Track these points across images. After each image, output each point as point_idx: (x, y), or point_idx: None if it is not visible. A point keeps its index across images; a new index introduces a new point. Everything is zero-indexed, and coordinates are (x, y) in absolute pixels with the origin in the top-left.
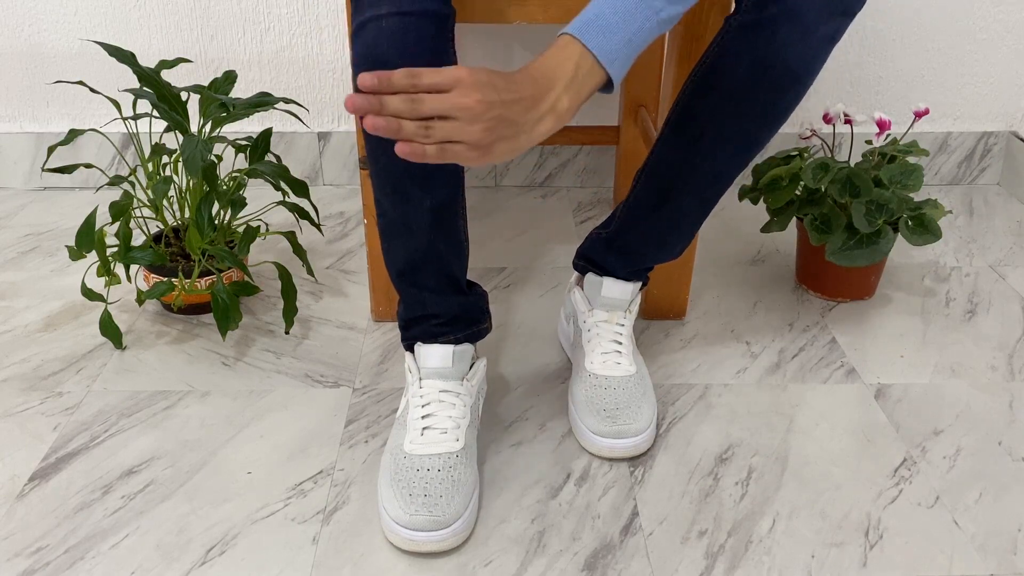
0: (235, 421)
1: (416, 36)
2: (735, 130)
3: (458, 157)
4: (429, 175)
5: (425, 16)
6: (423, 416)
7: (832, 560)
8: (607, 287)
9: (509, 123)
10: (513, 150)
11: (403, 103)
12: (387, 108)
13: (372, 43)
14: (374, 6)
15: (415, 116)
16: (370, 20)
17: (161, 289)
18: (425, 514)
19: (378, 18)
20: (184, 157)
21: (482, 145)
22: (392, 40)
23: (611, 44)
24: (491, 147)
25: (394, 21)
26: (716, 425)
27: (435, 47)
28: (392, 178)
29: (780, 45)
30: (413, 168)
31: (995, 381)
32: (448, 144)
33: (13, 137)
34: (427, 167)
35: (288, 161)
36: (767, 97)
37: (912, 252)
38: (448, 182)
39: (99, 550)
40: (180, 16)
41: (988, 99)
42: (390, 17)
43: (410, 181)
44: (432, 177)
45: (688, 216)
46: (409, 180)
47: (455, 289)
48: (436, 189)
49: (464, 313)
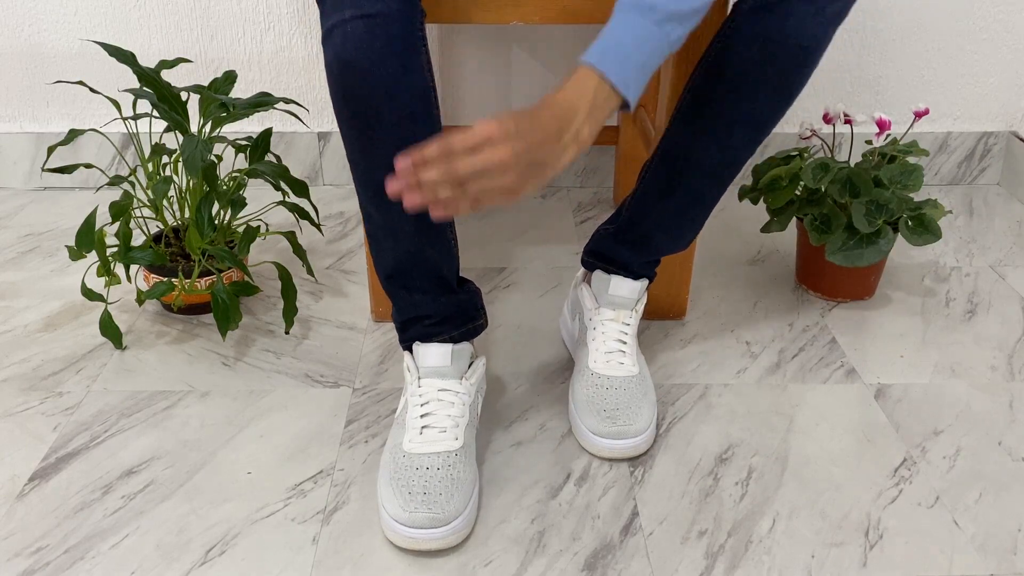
0: (235, 421)
1: (383, 39)
2: (748, 111)
3: (492, 203)
4: None
5: (388, 17)
6: (422, 415)
7: (832, 560)
8: (615, 285)
9: (538, 164)
10: (541, 184)
11: (440, 174)
12: (425, 183)
13: (340, 48)
14: (338, 10)
15: (452, 182)
16: (336, 25)
17: (161, 289)
18: (425, 512)
19: (343, 22)
20: (184, 157)
21: (513, 190)
22: (359, 44)
23: (626, 71)
24: (521, 188)
25: (358, 25)
26: (716, 425)
27: (403, 48)
28: (374, 184)
29: (792, 24)
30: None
31: (995, 381)
32: (482, 197)
33: (13, 137)
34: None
35: (288, 161)
36: (778, 75)
37: (912, 252)
38: None
39: (99, 550)
40: (180, 16)
41: (988, 99)
42: (354, 21)
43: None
44: None
45: (701, 200)
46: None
47: (446, 289)
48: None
49: (457, 312)
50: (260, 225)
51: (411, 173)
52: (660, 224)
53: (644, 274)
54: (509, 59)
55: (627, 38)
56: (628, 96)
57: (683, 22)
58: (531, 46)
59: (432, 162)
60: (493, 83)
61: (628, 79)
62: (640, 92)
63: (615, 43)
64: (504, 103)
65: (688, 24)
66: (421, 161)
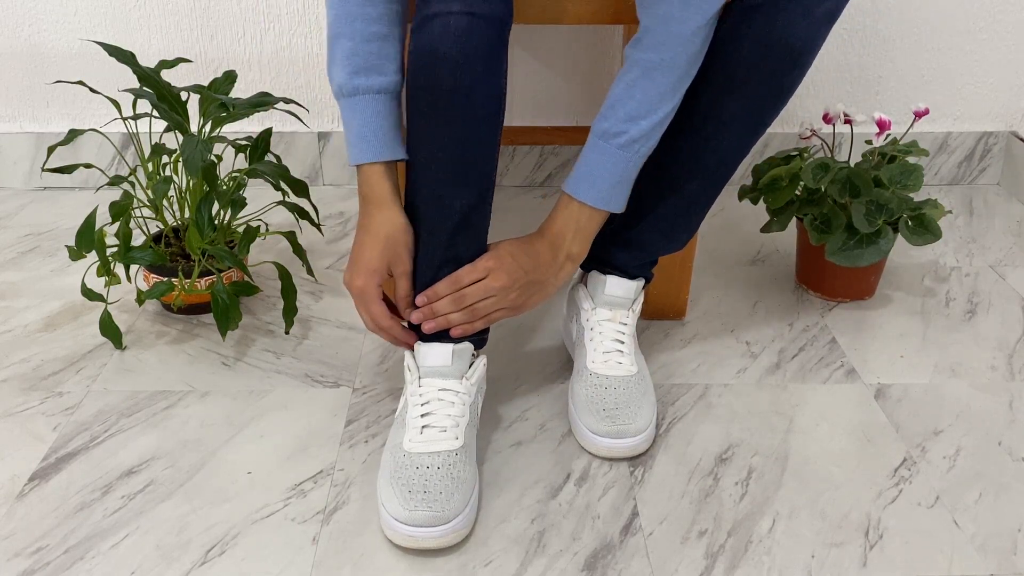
0: (235, 421)
1: (479, 38)
2: (739, 112)
3: (501, 318)
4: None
5: (491, 20)
6: (422, 415)
7: (832, 560)
8: (610, 285)
9: (536, 283)
10: (544, 298)
11: (450, 304)
12: (439, 314)
13: (437, 38)
14: (444, 2)
15: (462, 309)
16: (437, 15)
17: (161, 289)
18: (425, 510)
19: (447, 15)
20: (184, 157)
21: (517, 306)
22: (456, 38)
23: (602, 192)
24: (525, 304)
25: (462, 20)
26: (716, 425)
27: (493, 50)
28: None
29: (782, 25)
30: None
31: (995, 381)
32: (491, 314)
33: (13, 137)
34: (457, 172)
35: (288, 161)
36: (770, 77)
37: (912, 252)
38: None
39: (99, 550)
40: (180, 16)
41: (988, 99)
42: (459, 16)
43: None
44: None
45: (695, 203)
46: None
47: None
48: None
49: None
50: (260, 225)
51: (428, 309)
52: (654, 225)
53: (640, 274)
54: (511, 59)
55: (598, 166)
56: (611, 209)
57: (648, 139)
58: (531, 46)
59: (444, 295)
60: None
61: (606, 198)
62: (624, 200)
63: (588, 172)
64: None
65: (655, 137)
66: (435, 297)
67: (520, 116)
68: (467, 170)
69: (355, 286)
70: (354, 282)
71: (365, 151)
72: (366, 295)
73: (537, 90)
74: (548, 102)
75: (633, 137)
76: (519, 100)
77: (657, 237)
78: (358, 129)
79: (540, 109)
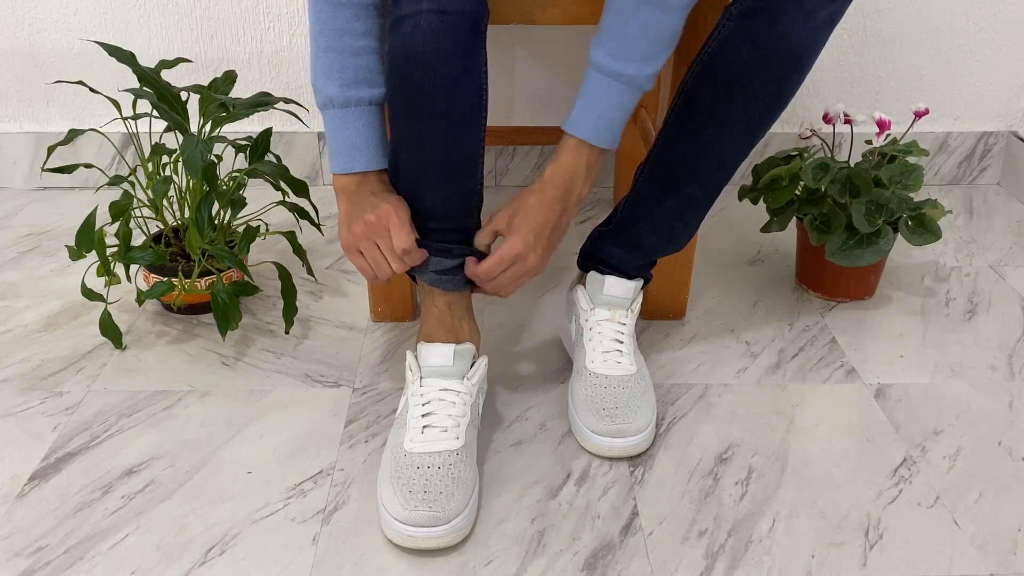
0: (235, 421)
1: (453, 36)
2: (739, 116)
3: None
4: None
5: (463, 16)
6: (423, 415)
7: (832, 560)
8: (609, 285)
9: (555, 235)
10: (556, 248)
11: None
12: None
13: (409, 38)
14: (414, 2)
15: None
16: (408, 15)
17: (161, 289)
18: (425, 510)
19: (416, 14)
20: (184, 157)
21: (539, 267)
22: (428, 38)
23: (611, 131)
24: (545, 262)
25: (433, 19)
26: (716, 425)
27: (467, 47)
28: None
29: (782, 29)
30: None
31: (995, 381)
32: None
33: (13, 137)
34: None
35: (288, 161)
36: (769, 81)
37: (912, 252)
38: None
39: (99, 550)
40: (180, 16)
41: (988, 99)
42: (429, 14)
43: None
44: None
45: (694, 206)
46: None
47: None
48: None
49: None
50: (260, 225)
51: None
52: (653, 226)
53: (639, 275)
54: (512, 59)
55: (607, 106)
56: (613, 147)
57: (653, 79)
58: (532, 46)
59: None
60: (494, 83)
61: (612, 138)
62: (618, 137)
63: (596, 114)
64: (506, 102)
65: (653, 63)
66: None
67: (520, 116)
68: (449, 168)
69: (367, 221)
70: (362, 222)
71: (357, 160)
72: (377, 229)
73: (537, 90)
74: (548, 102)
75: (634, 76)
76: (519, 100)
77: (656, 239)
78: (351, 139)
79: (540, 109)
